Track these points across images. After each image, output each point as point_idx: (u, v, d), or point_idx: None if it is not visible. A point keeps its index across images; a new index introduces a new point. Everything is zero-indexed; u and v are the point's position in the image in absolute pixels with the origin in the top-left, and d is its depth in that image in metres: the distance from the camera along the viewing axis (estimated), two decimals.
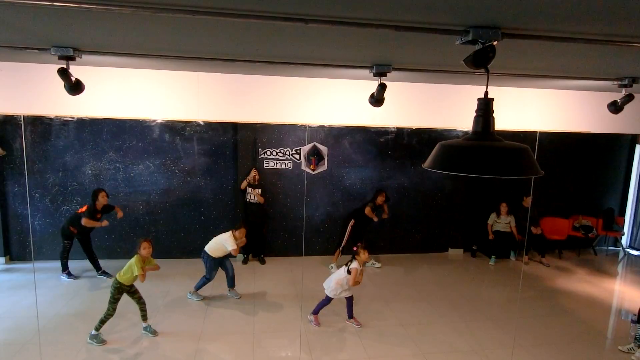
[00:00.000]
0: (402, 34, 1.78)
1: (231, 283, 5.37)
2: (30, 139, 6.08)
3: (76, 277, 5.76)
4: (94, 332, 4.16)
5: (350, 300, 4.68)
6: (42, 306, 4.82)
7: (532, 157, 1.60)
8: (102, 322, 4.17)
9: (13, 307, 4.88)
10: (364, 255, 4.51)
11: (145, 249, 4.20)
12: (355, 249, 4.56)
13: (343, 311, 4.81)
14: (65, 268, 5.73)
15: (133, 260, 4.17)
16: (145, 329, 4.37)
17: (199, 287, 5.30)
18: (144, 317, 4.37)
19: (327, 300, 4.64)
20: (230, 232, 5.21)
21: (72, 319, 4.65)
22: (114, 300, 4.17)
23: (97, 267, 5.87)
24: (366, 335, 4.50)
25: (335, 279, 4.57)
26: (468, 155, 1.62)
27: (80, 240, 5.75)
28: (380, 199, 6.50)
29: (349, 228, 6.52)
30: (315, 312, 4.71)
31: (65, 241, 5.68)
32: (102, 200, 5.55)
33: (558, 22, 1.58)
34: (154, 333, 4.35)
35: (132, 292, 4.32)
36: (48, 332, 4.31)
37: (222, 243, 5.16)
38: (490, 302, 5.59)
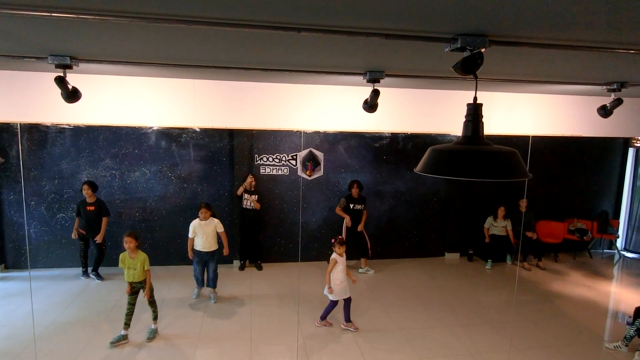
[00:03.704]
0: (393, 41, 1.83)
1: (211, 284, 5.43)
2: (26, 146, 6.08)
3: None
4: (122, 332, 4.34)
5: (347, 303, 4.70)
6: (38, 314, 4.80)
7: (520, 160, 1.64)
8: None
9: (8, 315, 4.85)
10: (339, 249, 4.65)
11: (126, 244, 4.23)
12: (333, 240, 4.74)
13: (340, 316, 4.83)
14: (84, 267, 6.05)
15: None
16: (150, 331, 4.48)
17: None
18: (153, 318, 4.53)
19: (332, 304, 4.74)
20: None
21: (68, 326, 4.63)
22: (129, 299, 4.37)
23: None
24: (363, 340, 4.50)
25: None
26: (458, 159, 1.66)
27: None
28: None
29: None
30: (323, 318, 4.81)
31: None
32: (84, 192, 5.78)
33: (543, 29, 1.63)
34: (150, 339, 4.37)
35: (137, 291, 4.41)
36: (44, 340, 4.29)
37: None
38: (487, 306, 5.61)
